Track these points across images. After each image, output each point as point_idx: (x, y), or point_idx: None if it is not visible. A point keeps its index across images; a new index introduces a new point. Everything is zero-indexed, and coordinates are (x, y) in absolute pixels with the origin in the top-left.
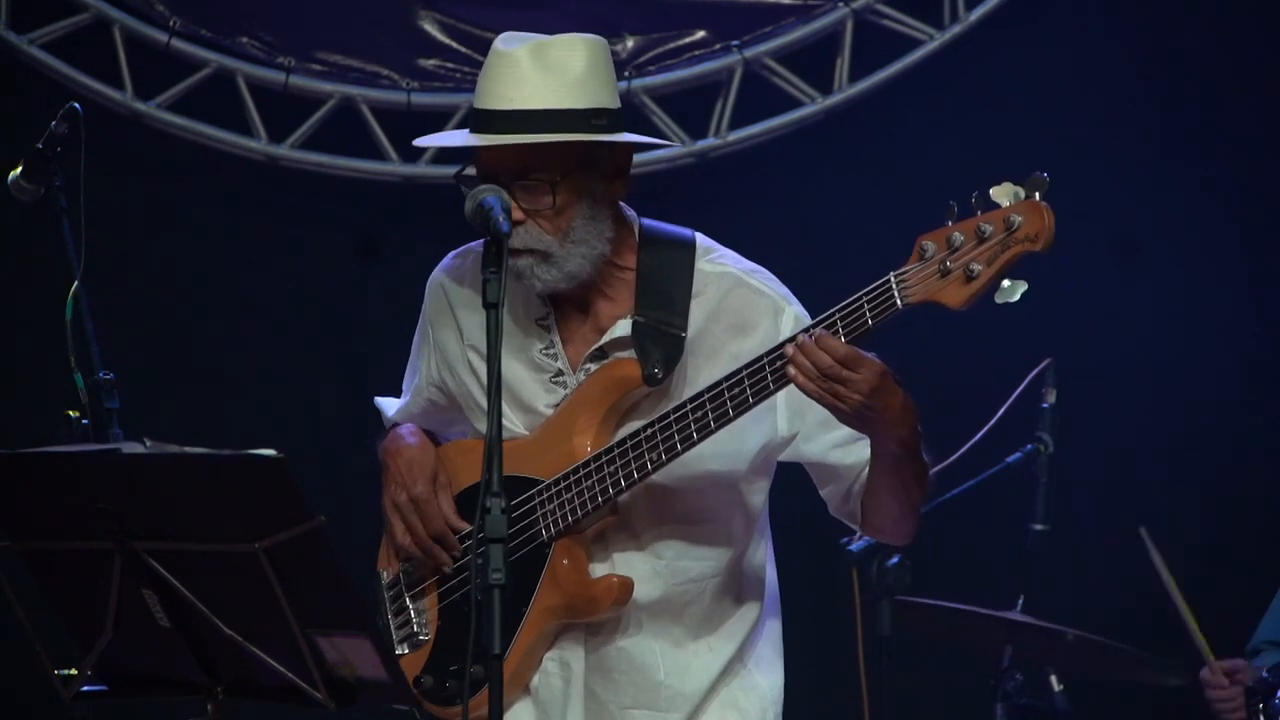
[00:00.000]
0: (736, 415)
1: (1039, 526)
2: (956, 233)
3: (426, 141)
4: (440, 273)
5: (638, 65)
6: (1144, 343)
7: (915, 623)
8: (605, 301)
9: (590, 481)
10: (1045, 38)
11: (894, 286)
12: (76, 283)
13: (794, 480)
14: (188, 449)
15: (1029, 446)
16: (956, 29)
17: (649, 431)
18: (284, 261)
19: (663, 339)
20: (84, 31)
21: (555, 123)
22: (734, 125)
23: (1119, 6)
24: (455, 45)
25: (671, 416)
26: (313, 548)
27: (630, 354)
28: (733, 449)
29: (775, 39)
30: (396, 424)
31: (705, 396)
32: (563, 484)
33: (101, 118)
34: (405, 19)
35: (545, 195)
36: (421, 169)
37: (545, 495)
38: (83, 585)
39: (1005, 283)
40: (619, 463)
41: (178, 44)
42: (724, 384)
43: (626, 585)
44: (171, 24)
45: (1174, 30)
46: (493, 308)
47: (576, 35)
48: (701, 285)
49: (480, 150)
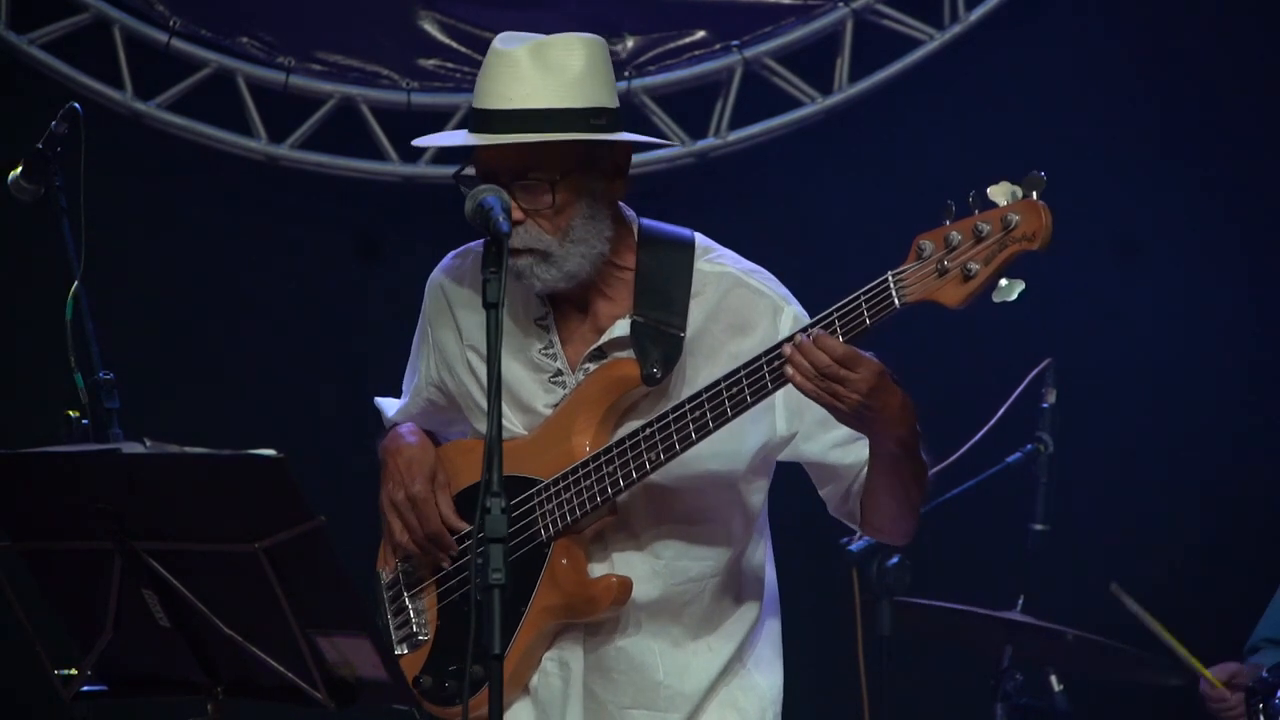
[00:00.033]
0: (735, 415)
1: (1039, 526)
2: (954, 232)
3: (426, 141)
4: (439, 273)
5: (638, 65)
6: (1144, 343)
7: (915, 623)
8: (604, 301)
9: (589, 481)
10: (1045, 38)
11: (892, 286)
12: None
13: (794, 480)
14: (188, 449)
15: (1029, 446)
16: (956, 29)
17: (648, 431)
18: (284, 261)
19: (661, 339)
20: (84, 31)
21: (554, 122)
22: (734, 125)
23: (1119, 6)
24: (455, 45)
25: (670, 416)
26: (313, 548)
27: (629, 354)
28: (731, 449)
29: (775, 39)
30: (396, 424)
31: (704, 396)
32: (561, 484)
33: (101, 118)
34: (405, 19)
35: (545, 194)
36: (421, 169)
37: (544, 495)
38: (83, 585)
39: (1003, 282)
40: (618, 462)
41: (178, 44)
42: (722, 384)
43: (625, 585)
44: (171, 24)
45: (1174, 30)
46: (493, 308)
47: (575, 35)
48: (700, 285)
49: (479, 150)
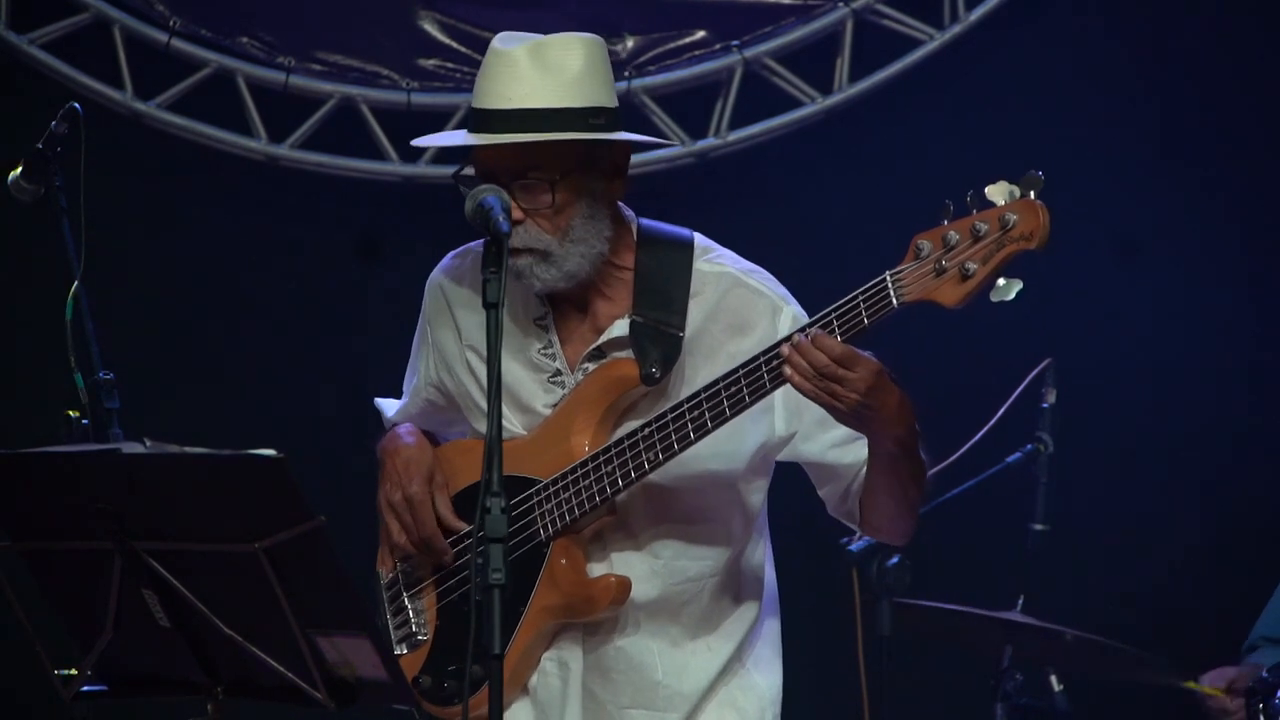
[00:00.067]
0: (733, 415)
1: (1039, 526)
2: (952, 231)
3: (425, 141)
4: (439, 273)
5: (638, 65)
6: (1144, 343)
7: (915, 623)
8: (603, 301)
9: (588, 481)
10: (1045, 38)
11: (890, 285)
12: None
13: (793, 480)
14: (188, 449)
15: (1029, 446)
16: (956, 29)
17: (646, 431)
18: (284, 261)
19: (660, 339)
20: (84, 31)
21: (554, 122)
22: (734, 125)
23: (1119, 6)
24: (455, 45)
25: (669, 416)
26: (313, 548)
27: (628, 354)
28: (730, 449)
29: (775, 39)
30: (396, 424)
31: (702, 396)
32: (560, 484)
33: (101, 118)
34: (405, 19)
35: (544, 194)
36: (421, 169)
37: (543, 495)
38: (83, 585)
39: (1001, 281)
40: (616, 462)
41: (178, 44)
42: (721, 383)
43: (624, 585)
44: (171, 24)
45: (1174, 30)
46: (493, 308)
47: (574, 34)
48: (699, 285)
49: (479, 150)
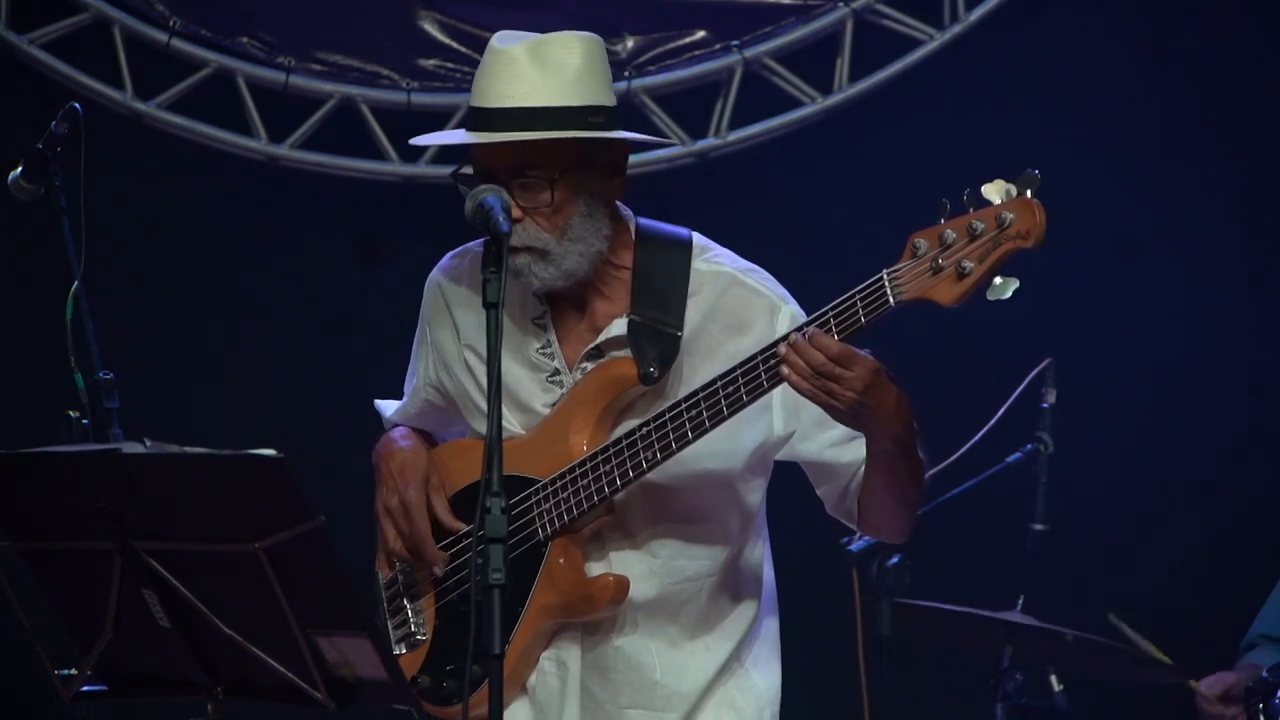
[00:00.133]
0: (731, 414)
1: (1039, 526)
2: (949, 230)
3: (424, 140)
4: (438, 273)
5: (638, 65)
6: (1144, 343)
7: (915, 623)
8: (602, 300)
9: (586, 480)
10: (1045, 38)
11: (887, 284)
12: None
13: (793, 480)
14: (188, 449)
15: (1029, 446)
16: (956, 29)
17: (645, 430)
18: (284, 261)
19: (659, 338)
20: (84, 31)
21: (553, 120)
22: (734, 125)
23: (1119, 6)
24: (455, 45)
25: (667, 415)
26: (313, 548)
27: (626, 353)
28: (728, 448)
29: (775, 39)
30: (395, 425)
31: (700, 395)
32: (559, 483)
33: (101, 118)
34: (405, 19)
35: (543, 192)
36: (421, 169)
37: (542, 494)
38: (83, 585)
39: (997, 280)
40: (615, 461)
41: (178, 44)
42: (719, 382)
43: (622, 584)
44: (171, 24)
45: (1174, 30)
46: (493, 307)
47: (572, 33)
48: (698, 284)
49: (478, 148)
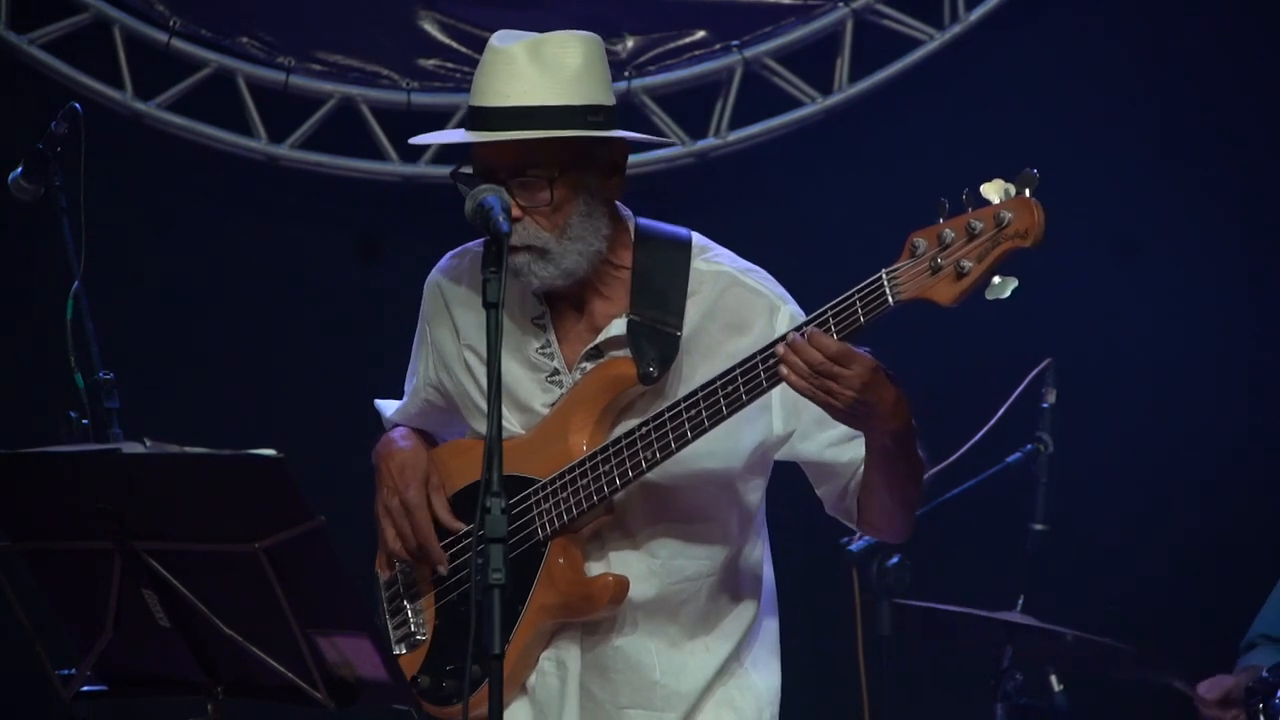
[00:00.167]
0: (730, 413)
1: (1039, 526)
2: (947, 229)
3: (424, 139)
4: (437, 273)
5: (638, 65)
6: (1144, 343)
7: (915, 623)
8: (601, 300)
9: (586, 480)
10: (1045, 38)
11: (885, 284)
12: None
13: (793, 480)
14: (188, 449)
15: (1029, 446)
16: (956, 29)
17: (644, 430)
18: (284, 261)
19: (658, 338)
20: (84, 31)
21: (552, 119)
22: (734, 125)
23: (1119, 6)
24: (455, 45)
25: (666, 415)
26: (313, 548)
27: (625, 353)
28: (727, 447)
29: (775, 39)
30: (395, 425)
31: (699, 395)
32: (558, 483)
33: (101, 118)
34: (405, 19)
35: (543, 191)
36: (421, 169)
37: (541, 494)
38: (83, 585)
39: (996, 279)
40: (614, 461)
41: (178, 44)
42: (718, 382)
43: (622, 584)
44: (171, 24)
45: (1174, 30)
46: (493, 307)
47: (571, 32)
48: (697, 284)
49: (477, 147)
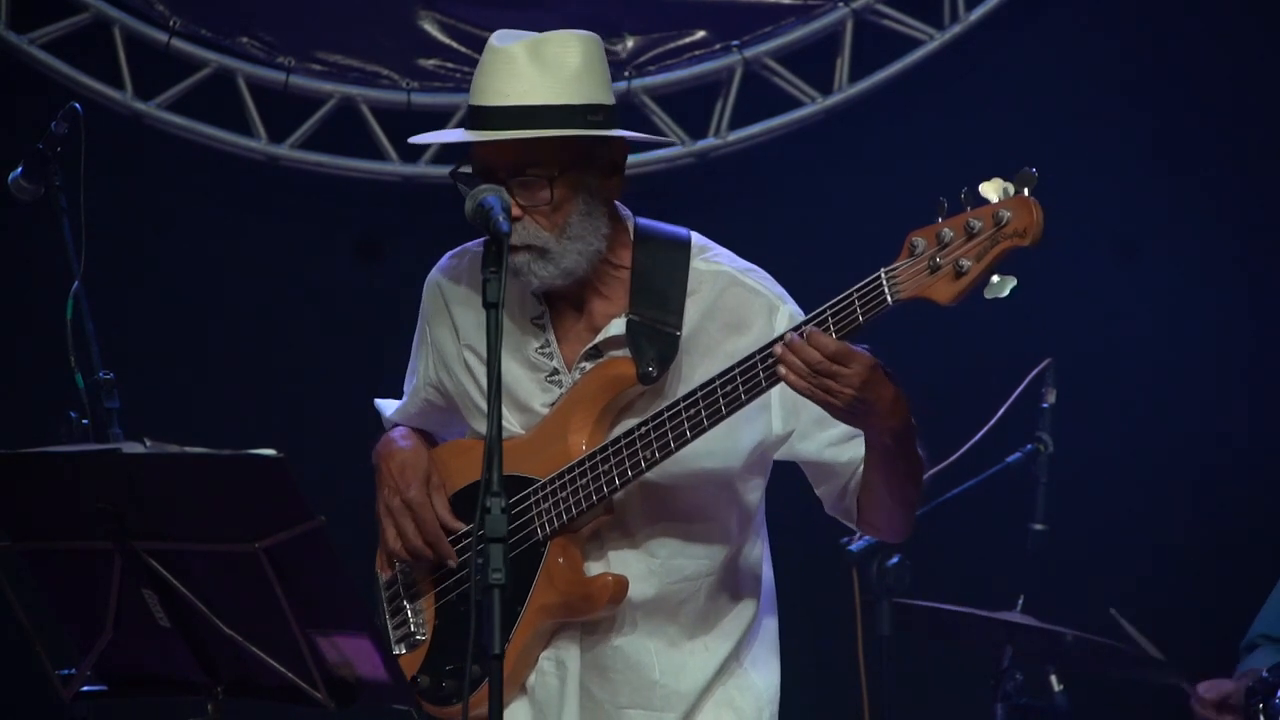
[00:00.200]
0: (730, 413)
1: (1039, 526)
2: (946, 229)
3: (424, 139)
4: (437, 273)
5: (638, 65)
6: (1144, 343)
7: (915, 623)
8: (600, 300)
9: (585, 480)
10: (1045, 38)
11: (884, 283)
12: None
13: (793, 479)
14: (188, 449)
15: (1029, 446)
16: (956, 29)
17: (643, 430)
18: (284, 261)
19: (657, 337)
20: (84, 31)
21: (552, 118)
22: (734, 125)
23: (1119, 7)
24: (455, 45)
25: (665, 415)
26: (313, 548)
27: (625, 353)
28: (727, 447)
29: (775, 39)
30: (395, 425)
31: (699, 395)
32: (558, 483)
33: (101, 118)
34: (405, 19)
35: (543, 190)
36: (421, 169)
37: (540, 494)
38: (83, 585)
39: (995, 278)
40: (613, 461)
41: (178, 44)
42: (717, 382)
43: (621, 584)
44: (171, 24)
45: (1173, 31)
46: (493, 308)
47: (571, 32)
48: (696, 284)
49: (477, 147)
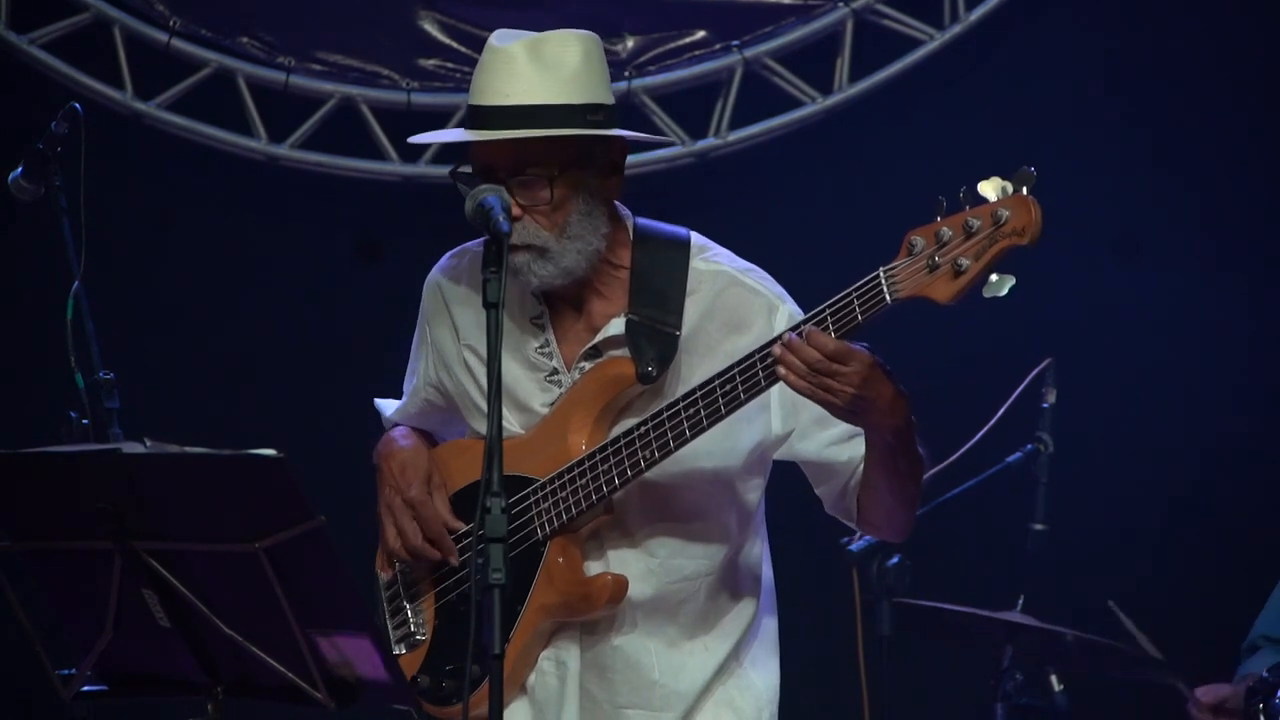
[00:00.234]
0: (729, 412)
1: (1039, 526)
2: (945, 228)
3: (423, 139)
4: (437, 273)
5: (638, 65)
6: (1144, 343)
7: (915, 623)
8: (600, 300)
9: (585, 480)
10: (1045, 38)
11: (883, 282)
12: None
13: (793, 479)
14: (188, 449)
15: (1029, 446)
16: (956, 29)
17: (643, 430)
18: (284, 261)
19: (657, 337)
20: (84, 31)
21: (552, 118)
22: (734, 125)
23: (1119, 7)
24: (455, 45)
25: (665, 414)
26: (313, 548)
27: (624, 352)
28: (726, 446)
29: (775, 39)
30: (395, 425)
31: (698, 394)
32: (557, 482)
33: (101, 118)
34: (405, 19)
35: (542, 190)
36: (421, 169)
37: (540, 494)
38: (83, 585)
39: (993, 277)
40: (613, 461)
41: (178, 44)
42: (716, 382)
43: (621, 583)
44: (171, 24)
45: (1173, 31)
46: (493, 307)
47: (570, 31)
48: (696, 283)
49: (477, 146)
